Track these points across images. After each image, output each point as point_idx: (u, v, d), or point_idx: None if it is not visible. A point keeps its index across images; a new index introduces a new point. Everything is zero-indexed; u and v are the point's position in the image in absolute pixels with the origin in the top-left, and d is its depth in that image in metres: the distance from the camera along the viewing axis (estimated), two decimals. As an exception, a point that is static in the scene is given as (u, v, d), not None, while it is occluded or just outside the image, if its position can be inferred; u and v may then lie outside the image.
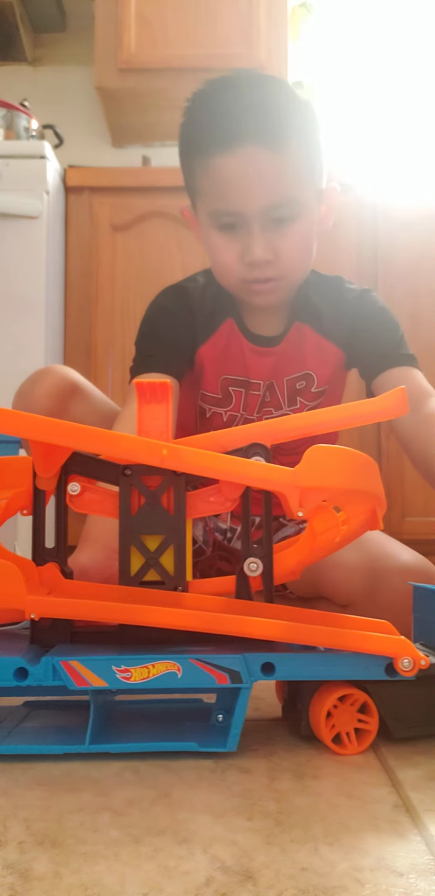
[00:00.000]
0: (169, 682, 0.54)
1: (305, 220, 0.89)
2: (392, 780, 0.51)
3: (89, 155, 2.37)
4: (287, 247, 0.88)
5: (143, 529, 0.59)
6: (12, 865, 0.39)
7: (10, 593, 0.55)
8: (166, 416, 0.60)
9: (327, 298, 1.00)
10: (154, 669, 0.54)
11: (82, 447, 0.58)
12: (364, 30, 2.40)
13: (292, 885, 0.37)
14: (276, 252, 0.87)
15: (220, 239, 0.89)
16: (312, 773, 0.52)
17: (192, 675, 0.54)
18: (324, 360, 0.99)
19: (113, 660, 0.54)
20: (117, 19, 2.10)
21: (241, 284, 0.91)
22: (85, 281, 1.97)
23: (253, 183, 0.84)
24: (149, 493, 0.59)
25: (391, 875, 0.38)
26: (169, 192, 1.95)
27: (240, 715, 0.55)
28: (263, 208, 0.85)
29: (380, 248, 1.91)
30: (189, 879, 0.38)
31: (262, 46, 2.10)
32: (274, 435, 0.61)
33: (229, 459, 0.57)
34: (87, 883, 0.37)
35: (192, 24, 2.11)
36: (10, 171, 1.81)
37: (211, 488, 0.61)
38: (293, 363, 0.99)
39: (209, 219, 0.90)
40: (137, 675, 0.54)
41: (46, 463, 0.58)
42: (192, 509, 0.61)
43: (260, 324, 0.99)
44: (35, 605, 0.56)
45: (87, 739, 0.54)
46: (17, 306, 1.79)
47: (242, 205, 0.86)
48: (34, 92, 2.40)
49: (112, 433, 0.59)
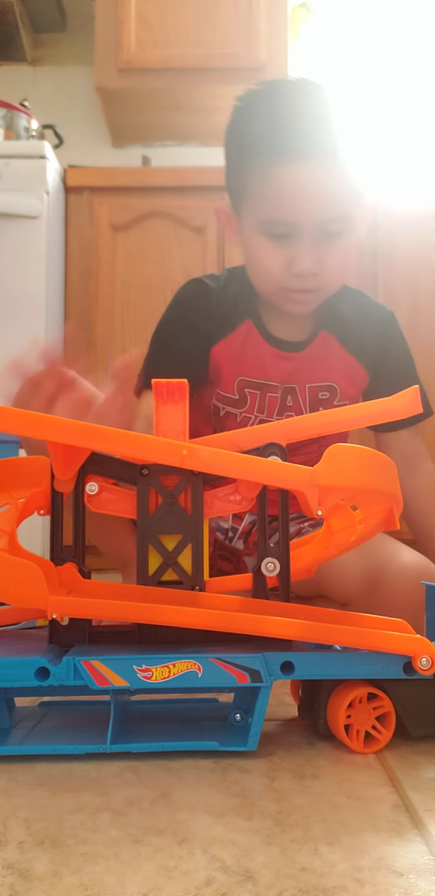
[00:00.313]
0: (189, 682, 0.54)
1: (351, 236, 0.90)
2: (392, 780, 0.51)
3: (89, 155, 2.37)
4: (333, 260, 0.88)
5: (160, 529, 0.60)
6: (12, 865, 0.39)
7: (32, 594, 0.55)
8: (184, 417, 0.60)
9: (353, 309, 1.01)
10: (175, 669, 0.54)
11: (103, 448, 0.58)
12: (364, 30, 2.40)
13: (292, 885, 0.37)
14: (322, 265, 0.88)
15: (267, 246, 0.89)
16: (312, 773, 0.52)
17: (212, 674, 0.54)
18: (351, 378, 1.00)
19: (134, 659, 0.54)
20: (117, 19, 2.10)
21: (279, 292, 0.91)
22: (85, 281, 1.97)
23: (312, 197, 0.85)
24: (166, 493, 0.60)
25: (391, 875, 0.38)
26: (169, 192, 1.95)
27: (260, 714, 0.55)
28: (318, 222, 0.86)
29: (380, 248, 1.91)
30: (189, 879, 0.38)
31: (262, 46, 2.10)
32: (289, 434, 0.61)
33: (249, 459, 0.58)
34: (87, 883, 0.37)
35: (192, 24, 2.11)
36: (10, 171, 1.80)
37: (227, 487, 0.62)
38: (317, 372, 0.99)
39: (259, 225, 0.89)
40: (158, 675, 0.54)
41: (65, 464, 0.59)
42: (209, 508, 0.61)
43: (283, 328, 0.99)
44: (57, 605, 0.56)
45: (108, 739, 0.54)
46: (17, 306, 1.79)
47: (298, 216, 0.85)
48: (34, 92, 2.40)
49: (132, 434, 0.59)
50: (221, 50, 2.10)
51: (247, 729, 0.56)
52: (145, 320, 1.94)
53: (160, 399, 0.60)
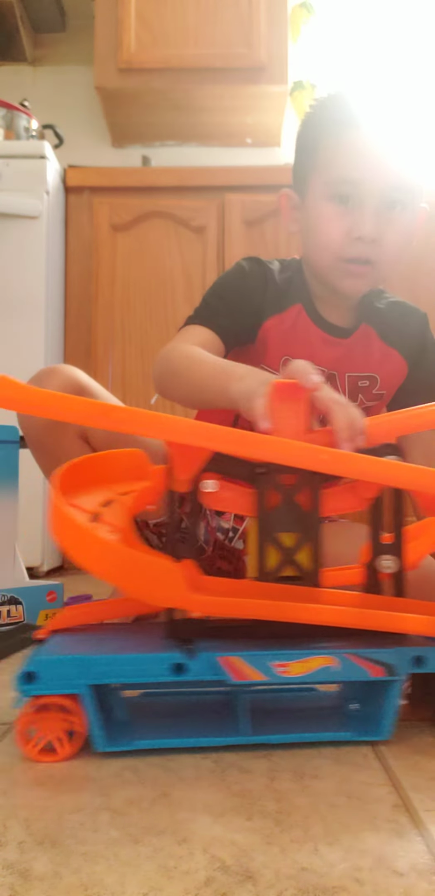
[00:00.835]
0: (326, 676, 0.56)
1: (410, 216, 0.93)
2: (392, 780, 0.51)
3: (89, 155, 2.37)
4: (393, 233, 0.91)
5: (279, 527, 0.60)
6: (12, 865, 0.39)
7: (171, 592, 0.55)
8: (301, 417, 0.61)
9: (393, 310, 1.06)
10: (311, 664, 0.56)
11: (230, 450, 0.58)
12: (365, 29, 2.40)
13: (292, 885, 0.37)
14: (381, 235, 0.90)
15: (330, 210, 0.92)
16: (312, 773, 0.52)
17: (348, 668, 0.56)
18: (390, 370, 1.04)
19: (271, 655, 0.56)
20: (117, 19, 2.10)
21: (337, 263, 0.94)
22: (85, 281, 1.97)
23: (380, 156, 0.89)
24: (285, 492, 0.60)
25: (391, 875, 0.38)
26: (169, 192, 1.95)
27: (391, 705, 0.57)
28: (383, 186, 0.89)
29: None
30: (189, 879, 0.38)
31: (262, 46, 2.10)
32: (392, 432, 0.62)
33: (385, 463, 0.59)
34: (87, 883, 0.37)
35: (192, 24, 2.11)
36: (10, 171, 1.81)
37: (344, 487, 0.62)
38: (359, 362, 1.02)
39: (326, 189, 0.92)
40: (297, 669, 0.56)
41: (186, 465, 0.59)
42: (325, 507, 0.62)
43: (331, 314, 1.02)
44: (200, 604, 0.56)
45: (244, 731, 0.56)
46: (17, 306, 1.79)
47: (364, 174, 0.89)
48: (34, 92, 2.40)
49: (262, 437, 0.59)
50: (221, 50, 2.10)
51: (368, 718, 0.58)
52: (145, 320, 1.94)
53: (278, 397, 0.61)
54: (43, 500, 1.78)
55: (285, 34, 2.13)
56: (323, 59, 2.39)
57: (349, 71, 2.37)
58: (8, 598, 1.03)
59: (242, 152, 2.42)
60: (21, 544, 1.13)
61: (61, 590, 1.10)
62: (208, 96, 2.18)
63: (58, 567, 1.92)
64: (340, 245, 0.92)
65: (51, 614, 1.08)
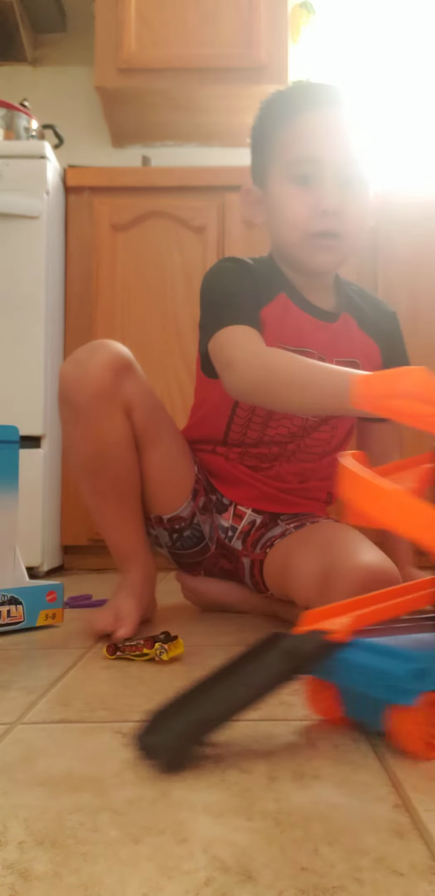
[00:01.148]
0: None
1: (366, 192, 0.99)
2: (392, 780, 0.51)
3: (89, 155, 2.37)
4: (353, 207, 0.96)
5: None
6: (12, 865, 0.39)
7: None
8: None
9: (367, 303, 1.11)
10: None
11: None
12: (364, 29, 2.40)
13: (292, 885, 0.37)
14: (344, 208, 0.95)
15: (293, 192, 0.96)
16: (312, 773, 0.52)
17: None
18: (369, 356, 1.08)
19: None
20: (117, 19, 2.10)
21: (306, 239, 0.97)
22: (85, 281, 1.97)
23: (334, 134, 0.97)
24: None
25: (391, 875, 0.38)
26: (169, 192, 1.95)
27: None
28: (339, 160, 0.95)
29: (379, 247, 1.91)
30: (189, 879, 0.38)
31: (262, 46, 2.10)
32: None
33: None
34: (87, 883, 0.37)
35: (192, 24, 2.11)
36: (10, 171, 1.80)
37: None
38: (343, 347, 1.05)
39: (286, 170, 0.97)
40: None
41: None
42: None
43: (312, 297, 1.05)
44: None
45: None
46: (17, 306, 1.79)
47: (322, 152, 0.95)
48: (34, 92, 2.40)
49: None
50: (221, 50, 2.10)
51: None
52: (145, 320, 1.94)
53: None
54: (43, 500, 1.78)
55: (285, 34, 2.13)
56: (323, 59, 2.39)
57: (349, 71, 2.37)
58: (8, 598, 1.03)
59: (242, 152, 2.42)
60: (21, 544, 1.13)
61: (61, 590, 1.10)
62: (208, 96, 2.17)
63: (58, 567, 1.92)
64: (307, 220, 0.96)
65: (51, 614, 1.08)
